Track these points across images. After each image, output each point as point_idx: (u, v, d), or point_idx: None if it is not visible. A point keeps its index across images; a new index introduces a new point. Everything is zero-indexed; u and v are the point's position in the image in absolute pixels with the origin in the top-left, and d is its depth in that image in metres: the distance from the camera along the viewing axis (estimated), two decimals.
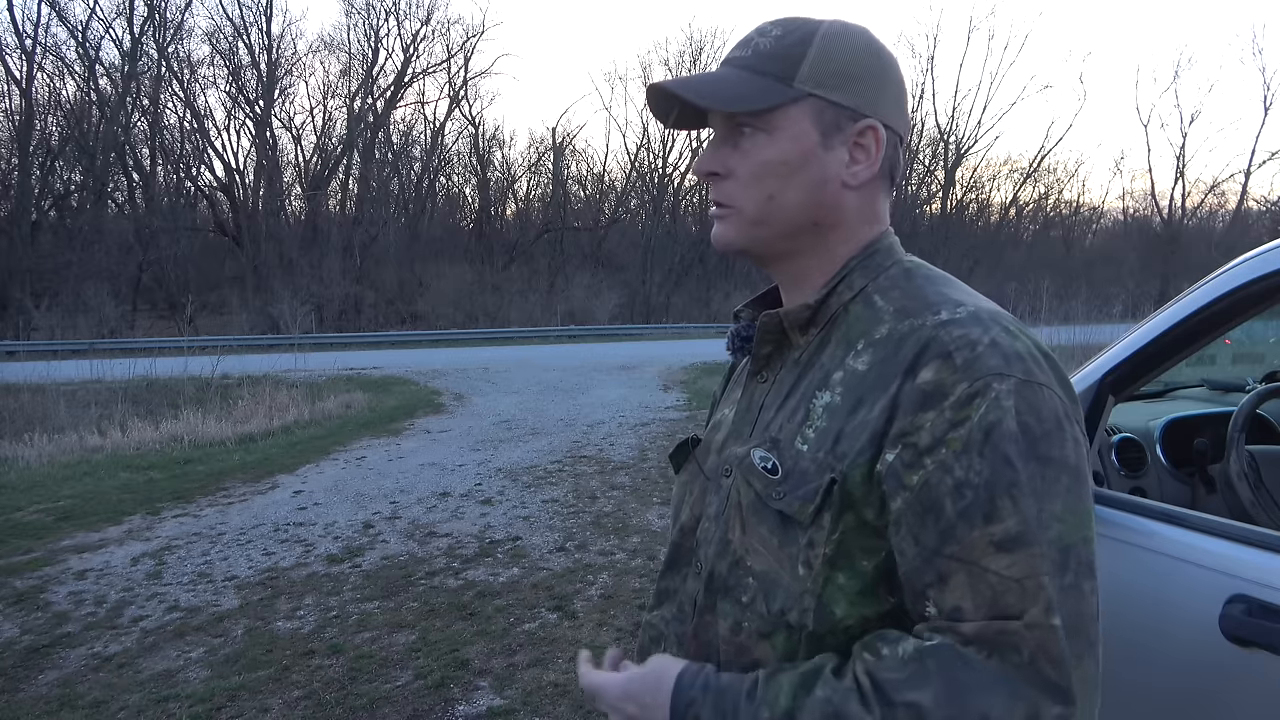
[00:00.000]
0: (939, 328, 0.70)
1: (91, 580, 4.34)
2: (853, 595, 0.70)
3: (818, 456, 0.72)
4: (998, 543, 0.63)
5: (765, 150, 0.77)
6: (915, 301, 0.74)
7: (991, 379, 0.66)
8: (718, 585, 0.78)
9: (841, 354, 0.76)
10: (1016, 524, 0.63)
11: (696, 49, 37.79)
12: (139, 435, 8.63)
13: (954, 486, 0.64)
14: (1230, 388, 2.43)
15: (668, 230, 36.39)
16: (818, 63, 0.76)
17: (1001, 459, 0.64)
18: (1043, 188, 40.89)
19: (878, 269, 0.79)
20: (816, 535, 0.70)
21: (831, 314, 0.79)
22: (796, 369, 0.79)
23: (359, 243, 30.94)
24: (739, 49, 0.80)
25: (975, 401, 0.65)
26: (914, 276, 0.78)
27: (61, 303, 23.54)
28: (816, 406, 0.75)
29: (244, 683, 3.13)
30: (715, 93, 0.77)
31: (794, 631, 0.71)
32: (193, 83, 32.08)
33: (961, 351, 0.67)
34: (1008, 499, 0.63)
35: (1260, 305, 1.37)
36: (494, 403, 11.22)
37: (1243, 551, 1.24)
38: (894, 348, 0.71)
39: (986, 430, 0.64)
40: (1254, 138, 61.56)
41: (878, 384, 0.71)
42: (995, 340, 0.68)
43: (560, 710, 2.88)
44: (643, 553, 4.56)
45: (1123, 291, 21.11)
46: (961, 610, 0.63)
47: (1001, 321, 0.70)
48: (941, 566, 0.64)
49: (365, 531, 5.13)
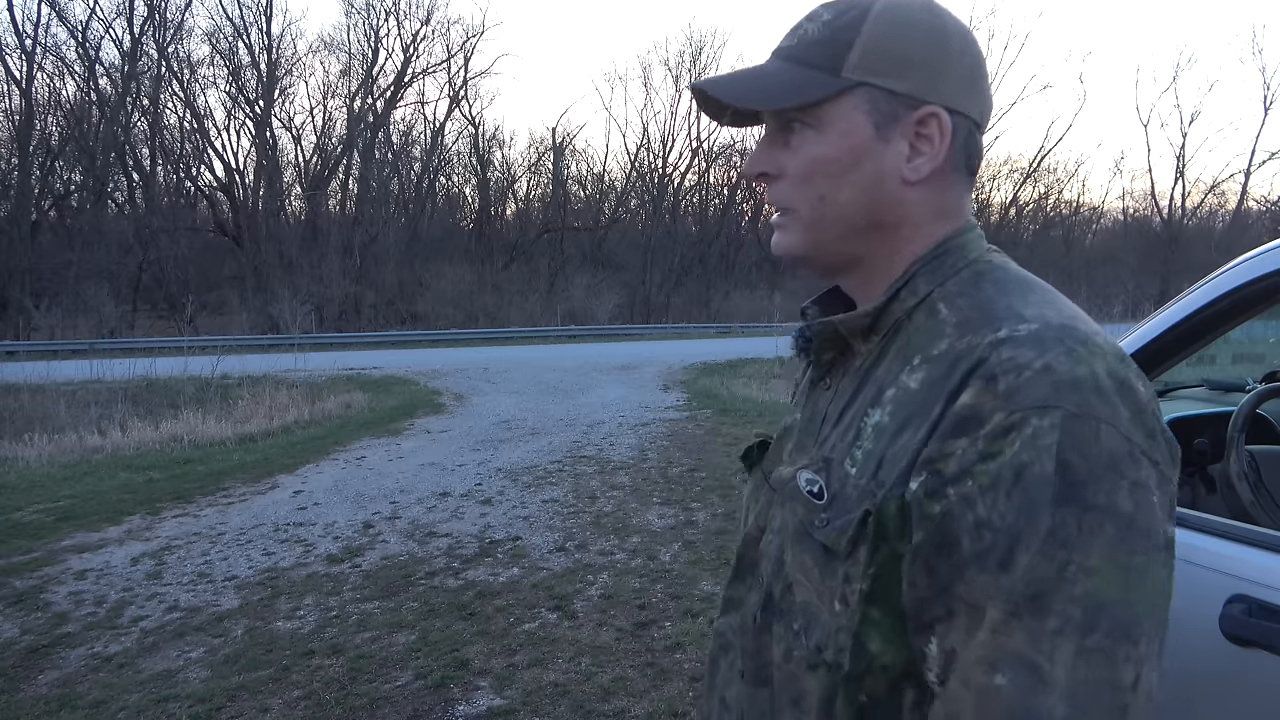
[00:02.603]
0: (993, 347, 0.62)
1: (91, 580, 4.34)
2: (889, 632, 0.64)
3: (860, 483, 0.67)
4: (1000, 593, 0.56)
5: (814, 147, 0.71)
6: (980, 314, 0.66)
7: (1031, 412, 0.58)
8: (773, 607, 0.74)
9: (898, 369, 0.69)
10: (1025, 580, 0.56)
11: (696, 49, 37.99)
12: (139, 435, 8.63)
13: (974, 524, 0.58)
14: (1230, 388, 2.43)
15: (668, 230, 36.39)
16: (869, 47, 0.69)
17: (1029, 505, 0.56)
18: (1043, 188, 41.03)
19: (946, 272, 0.71)
20: (853, 570, 0.65)
21: (894, 321, 0.72)
22: (856, 378, 0.73)
23: (359, 243, 30.95)
24: (787, 38, 0.74)
25: (1010, 436, 0.58)
26: (984, 282, 0.69)
27: (61, 303, 23.52)
28: (867, 426, 0.69)
29: (244, 683, 3.13)
30: (756, 89, 0.72)
31: (831, 670, 0.66)
32: (193, 83, 32.14)
33: (1007, 376, 0.60)
34: (1023, 551, 0.56)
35: (1260, 305, 1.37)
36: (494, 403, 11.22)
37: (1243, 551, 1.24)
38: (948, 367, 0.64)
39: (1017, 471, 0.57)
40: (1254, 138, 61.63)
41: (924, 406, 0.64)
42: (1050, 365, 0.59)
43: (560, 710, 2.88)
44: (643, 553, 4.56)
45: (1123, 291, 21.11)
46: (955, 656, 0.58)
47: (1069, 340, 0.61)
48: (951, 604, 0.59)
49: (365, 531, 5.13)
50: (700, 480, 6.35)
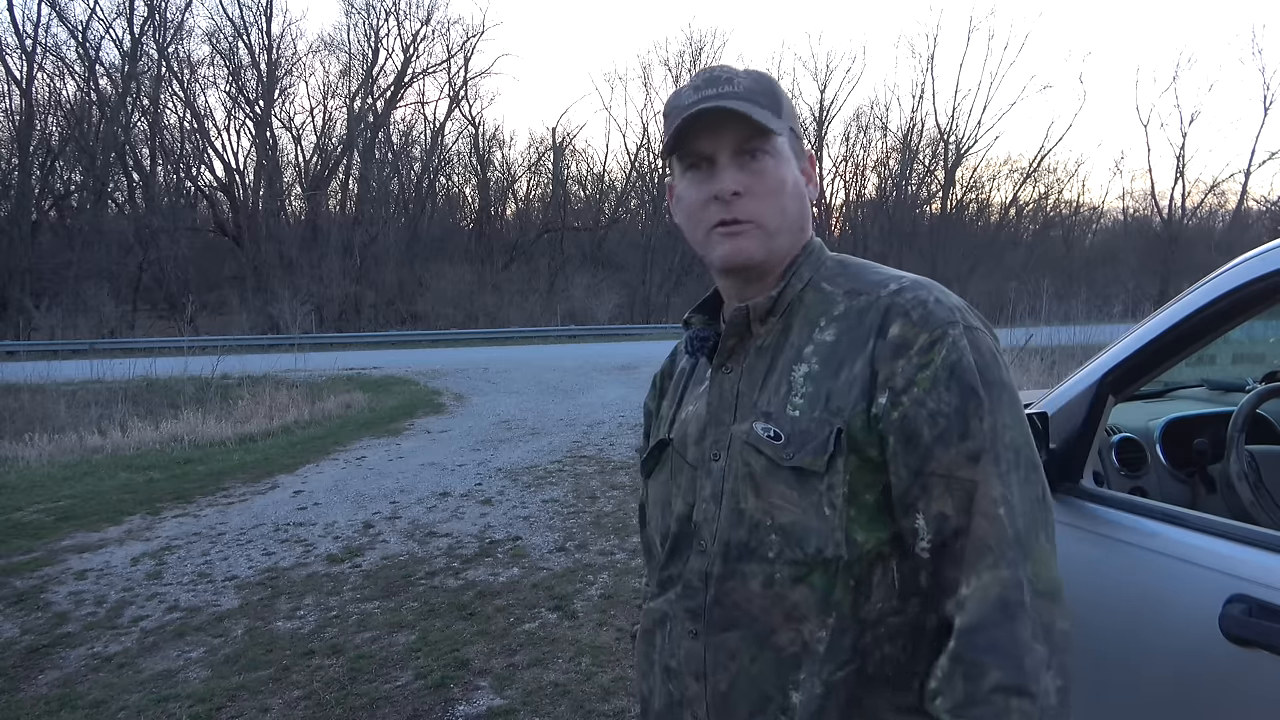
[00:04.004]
0: (893, 295, 0.87)
1: (91, 580, 4.34)
2: (864, 523, 0.83)
3: (814, 415, 0.85)
4: (973, 455, 0.80)
5: (777, 171, 0.91)
6: (861, 282, 0.91)
7: (946, 328, 0.83)
8: (736, 552, 0.88)
9: (808, 332, 0.90)
10: (982, 439, 0.80)
11: (696, 49, 37.76)
12: (139, 435, 8.63)
13: (929, 416, 0.81)
14: (1230, 388, 2.43)
15: (668, 230, 36.30)
16: (786, 103, 0.95)
17: (966, 388, 0.81)
18: (1043, 188, 40.87)
19: (818, 263, 0.96)
20: (834, 479, 0.84)
21: (788, 303, 0.93)
22: (766, 355, 0.92)
23: (359, 243, 30.93)
24: (721, 85, 0.92)
25: (936, 347, 0.82)
26: (848, 264, 0.96)
27: (61, 303, 23.54)
28: (796, 378, 0.88)
29: (244, 683, 3.13)
30: (764, 115, 0.90)
31: (830, 564, 0.83)
32: (193, 83, 32.12)
33: (916, 309, 0.84)
34: (976, 419, 0.80)
35: (1260, 305, 1.37)
36: (494, 403, 11.22)
37: (1243, 551, 1.24)
38: (856, 318, 0.88)
39: (950, 368, 0.81)
40: (1254, 138, 61.35)
41: (851, 348, 0.86)
42: (938, 298, 0.86)
43: (560, 710, 2.88)
44: (643, 553, 4.56)
45: (1123, 291, 21.06)
46: (945, 516, 0.80)
47: (935, 285, 0.88)
48: (926, 481, 0.81)
49: (365, 531, 5.13)
50: None
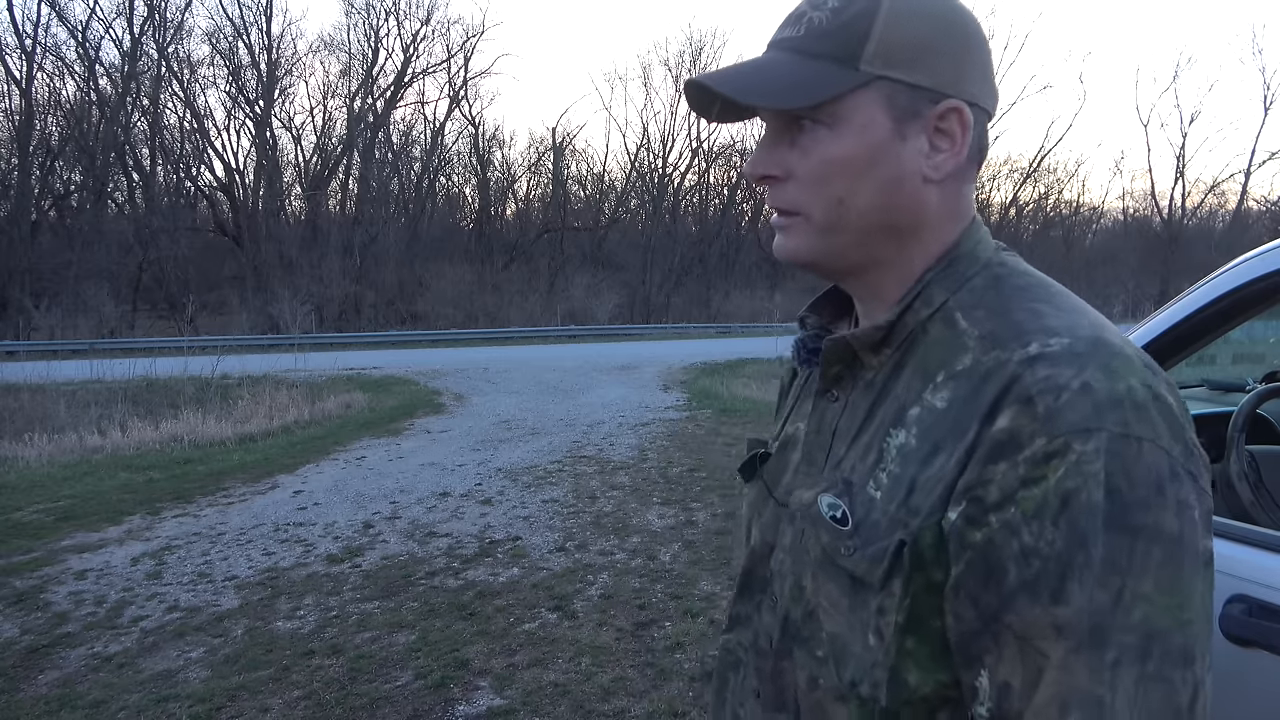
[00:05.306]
0: (1024, 365, 0.59)
1: (91, 580, 4.34)
2: (925, 661, 0.62)
3: (889, 510, 0.63)
4: (1059, 628, 0.55)
5: (829, 147, 0.65)
6: (1004, 326, 0.63)
7: (1073, 437, 0.56)
8: (793, 632, 0.71)
9: (919, 386, 0.65)
10: (1079, 609, 0.54)
11: (696, 49, 37.92)
12: (139, 435, 8.63)
13: (1020, 552, 0.56)
14: (1230, 388, 2.43)
15: (668, 230, 36.39)
16: (887, 36, 0.63)
17: (1078, 535, 0.55)
18: (1043, 188, 41.02)
19: (960, 279, 0.67)
20: (887, 601, 0.62)
21: (908, 333, 0.68)
22: (870, 392, 0.69)
23: (359, 243, 30.93)
24: (788, 26, 0.68)
25: (1054, 462, 0.56)
26: (1003, 287, 0.66)
27: (61, 303, 23.52)
28: (890, 447, 0.65)
29: (244, 683, 3.13)
30: (762, 85, 0.65)
31: (866, 704, 0.64)
32: (193, 83, 32.10)
33: (1044, 397, 0.57)
34: (1076, 583, 0.54)
35: (1260, 305, 1.37)
36: (494, 403, 11.22)
37: (1243, 551, 1.24)
38: (977, 385, 0.61)
39: (1064, 498, 0.55)
40: (1254, 138, 61.60)
41: (955, 428, 0.61)
42: (1087, 384, 0.57)
43: (560, 710, 2.88)
44: (642, 553, 4.56)
45: (1123, 291, 21.10)
46: (1009, 688, 0.56)
47: (1102, 354, 0.59)
48: (1000, 634, 0.57)
49: (365, 531, 5.13)
50: (700, 480, 6.35)
